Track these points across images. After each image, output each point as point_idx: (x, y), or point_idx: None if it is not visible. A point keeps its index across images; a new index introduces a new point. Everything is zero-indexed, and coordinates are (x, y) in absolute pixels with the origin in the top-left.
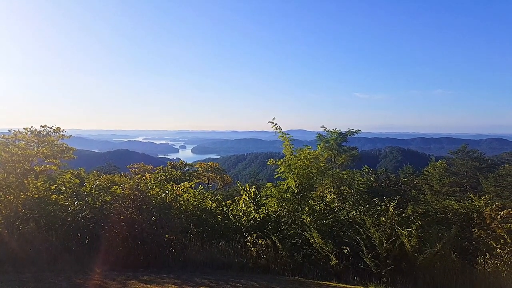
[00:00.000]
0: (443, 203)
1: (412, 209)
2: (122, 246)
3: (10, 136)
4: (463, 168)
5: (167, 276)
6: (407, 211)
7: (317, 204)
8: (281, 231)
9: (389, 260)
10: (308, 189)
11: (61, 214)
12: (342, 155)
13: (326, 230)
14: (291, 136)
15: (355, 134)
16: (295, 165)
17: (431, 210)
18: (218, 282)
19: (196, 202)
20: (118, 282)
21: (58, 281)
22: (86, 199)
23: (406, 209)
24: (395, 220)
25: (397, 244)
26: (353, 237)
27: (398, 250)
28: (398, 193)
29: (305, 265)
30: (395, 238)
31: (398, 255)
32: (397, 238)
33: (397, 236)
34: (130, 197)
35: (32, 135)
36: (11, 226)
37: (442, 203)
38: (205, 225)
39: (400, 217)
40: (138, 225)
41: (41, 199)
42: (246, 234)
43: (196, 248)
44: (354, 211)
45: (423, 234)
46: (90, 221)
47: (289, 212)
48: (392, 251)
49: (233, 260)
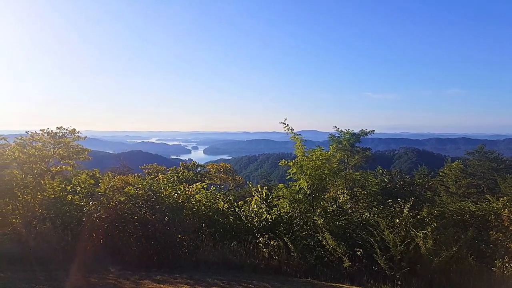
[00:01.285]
0: (459, 205)
1: (428, 211)
2: (135, 246)
3: (27, 138)
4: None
5: (179, 276)
6: (422, 213)
7: (329, 205)
8: (293, 232)
9: (403, 263)
10: (320, 190)
11: (77, 214)
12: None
13: (339, 232)
14: (303, 136)
15: (368, 134)
16: (307, 166)
17: (447, 212)
18: (230, 282)
19: (208, 202)
20: (131, 282)
21: (74, 279)
22: (101, 199)
23: (421, 211)
24: (410, 222)
25: (411, 247)
26: (367, 239)
27: (413, 252)
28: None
29: (318, 267)
30: (410, 240)
31: (413, 257)
32: (412, 240)
33: (412, 238)
34: (144, 198)
35: (48, 137)
36: (28, 225)
37: (459, 205)
38: (217, 225)
39: (415, 219)
40: (152, 225)
41: (57, 199)
42: (258, 235)
43: (208, 248)
44: (367, 213)
45: (438, 237)
46: (105, 221)
47: (301, 213)
48: (407, 253)
49: (245, 261)
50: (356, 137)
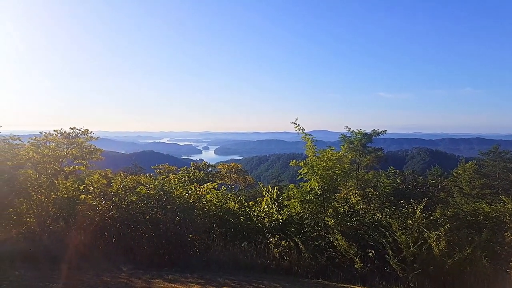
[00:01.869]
0: (473, 206)
1: (441, 212)
2: (147, 245)
3: (41, 138)
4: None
5: (190, 276)
6: (435, 214)
7: (341, 206)
8: (304, 233)
9: (416, 264)
10: (331, 190)
11: (89, 214)
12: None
13: (351, 233)
14: (314, 137)
15: (380, 134)
16: (318, 166)
17: (460, 213)
18: (241, 282)
19: (219, 202)
20: (143, 281)
21: (87, 278)
22: (113, 199)
23: (434, 212)
24: (422, 223)
25: (424, 248)
26: (379, 240)
27: (426, 254)
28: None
29: (329, 268)
30: (423, 242)
31: (426, 259)
32: (424, 241)
33: (425, 240)
34: (155, 197)
35: (62, 137)
36: (42, 224)
37: (473, 206)
38: (228, 225)
39: (428, 220)
40: (163, 224)
41: (71, 199)
42: (268, 235)
43: (219, 248)
44: (379, 214)
45: (452, 238)
46: (117, 221)
47: (312, 214)
48: (420, 255)
49: (256, 261)
50: (368, 137)
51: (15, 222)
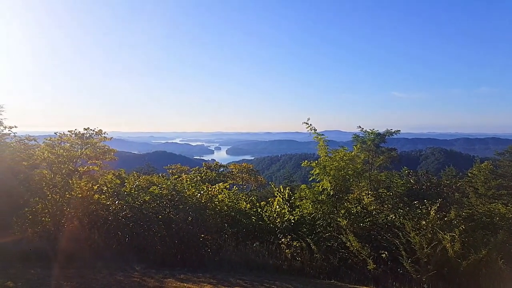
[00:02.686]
0: (489, 207)
1: (455, 213)
2: (160, 245)
3: (56, 139)
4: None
5: (202, 275)
6: (450, 215)
7: (353, 206)
8: (316, 233)
9: (430, 266)
10: (344, 191)
11: (103, 213)
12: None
13: (363, 234)
14: (326, 137)
15: (393, 134)
16: (331, 166)
17: (475, 214)
18: (252, 283)
19: (230, 203)
20: (156, 280)
21: (100, 277)
22: (126, 199)
23: (449, 212)
24: (436, 224)
25: (439, 249)
26: (392, 241)
27: (440, 255)
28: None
29: (342, 269)
30: (437, 243)
31: (440, 260)
32: (439, 242)
33: (439, 241)
34: (168, 197)
35: (76, 138)
36: (57, 223)
37: (488, 207)
38: (240, 225)
39: (442, 221)
40: (175, 224)
41: (85, 199)
42: (280, 236)
43: (231, 248)
44: (393, 215)
45: (467, 239)
46: (130, 220)
47: (324, 214)
48: (434, 256)
49: (268, 262)
50: (381, 137)
51: (31, 221)
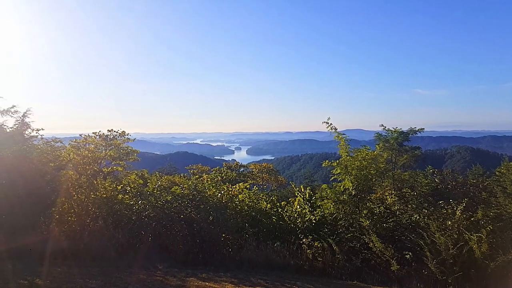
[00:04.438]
0: None
1: (483, 213)
2: (182, 244)
3: (81, 140)
4: None
5: (224, 275)
6: (477, 215)
7: (376, 207)
8: (338, 234)
9: (456, 267)
10: (366, 191)
11: (127, 213)
12: (403, 155)
13: (387, 234)
14: (347, 136)
15: (417, 133)
16: (352, 166)
17: (504, 214)
18: (274, 283)
19: (251, 202)
20: (178, 279)
21: (124, 276)
22: (149, 199)
23: (476, 212)
24: (463, 225)
25: (465, 250)
26: (416, 242)
27: (467, 256)
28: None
29: (364, 270)
30: (463, 244)
31: (466, 262)
32: (465, 243)
33: (465, 242)
34: (189, 197)
35: (100, 139)
36: (82, 223)
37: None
38: (260, 225)
39: (468, 221)
40: (197, 224)
41: (109, 199)
42: (301, 236)
43: (252, 248)
44: (417, 215)
45: (494, 240)
46: (153, 220)
47: (346, 214)
48: (460, 257)
49: (289, 262)
50: (405, 135)
51: (57, 221)
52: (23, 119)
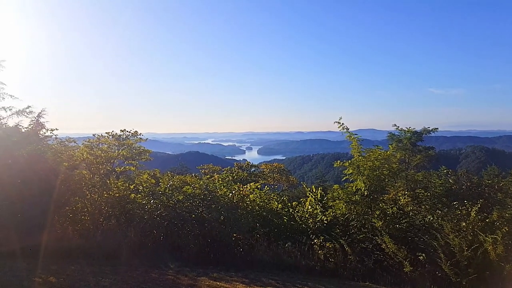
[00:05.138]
0: None
1: (498, 214)
2: (193, 243)
3: (94, 140)
4: None
5: (235, 275)
6: (492, 216)
7: (389, 207)
8: (350, 235)
9: (470, 269)
10: (379, 191)
11: (139, 212)
12: (417, 156)
13: (400, 235)
14: (359, 136)
15: (431, 132)
16: (364, 166)
17: None
18: (285, 283)
19: (262, 202)
20: (189, 278)
21: (136, 274)
22: (161, 198)
23: (491, 214)
24: (477, 226)
25: (480, 252)
26: (430, 243)
27: (481, 258)
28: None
29: (377, 271)
30: (478, 245)
31: (481, 263)
32: (480, 245)
33: (480, 243)
34: (200, 197)
35: (113, 139)
36: (95, 222)
37: None
38: (271, 225)
39: (483, 223)
40: (208, 223)
41: (122, 198)
42: (312, 237)
43: (263, 248)
44: (430, 216)
45: (510, 242)
46: (165, 219)
47: (358, 215)
48: (474, 259)
49: (300, 262)
50: (418, 135)
51: (71, 219)
52: (38, 119)
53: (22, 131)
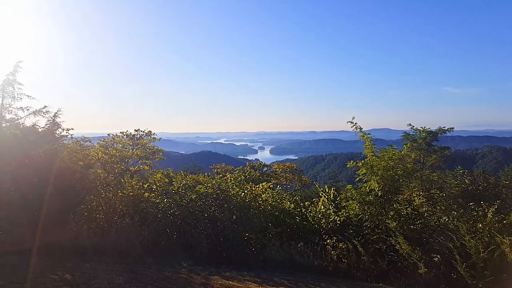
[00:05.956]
0: None
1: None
2: (206, 242)
3: (109, 140)
4: None
5: (247, 274)
6: (510, 218)
7: (403, 208)
8: (363, 235)
9: (487, 271)
10: (393, 192)
11: (153, 211)
12: (432, 156)
13: (414, 236)
14: (373, 136)
15: (447, 132)
16: (378, 166)
17: None
18: (297, 283)
19: (274, 202)
20: (202, 277)
21: (149, 272)
22: (174, 197)
23: (508, 215)
24: (494, 227)
25: (497, 254)
26: (445, 245)
27: (498, 260)
28: (498, 197)
29: (390, 272)
30: (495, 247)
31: (498, 266)
32: (496, 247)
33: (497, 245)
34: (213, 196)
35: (127, 139)
36: (110, 220)
37: None
38: (284, 225)
39: (500, 224)
40: (220, 222)
41: (135, 197)
42: (325, 237)
43: (275, 248)
44: (446, 217)
45: None
46: (178, 218)
47: (372, 216)
48: (491, 261)
49: (313, 263)
50: (433, 135)
51: (86, 218)
52: (54, 119)
53: (39, 131)
